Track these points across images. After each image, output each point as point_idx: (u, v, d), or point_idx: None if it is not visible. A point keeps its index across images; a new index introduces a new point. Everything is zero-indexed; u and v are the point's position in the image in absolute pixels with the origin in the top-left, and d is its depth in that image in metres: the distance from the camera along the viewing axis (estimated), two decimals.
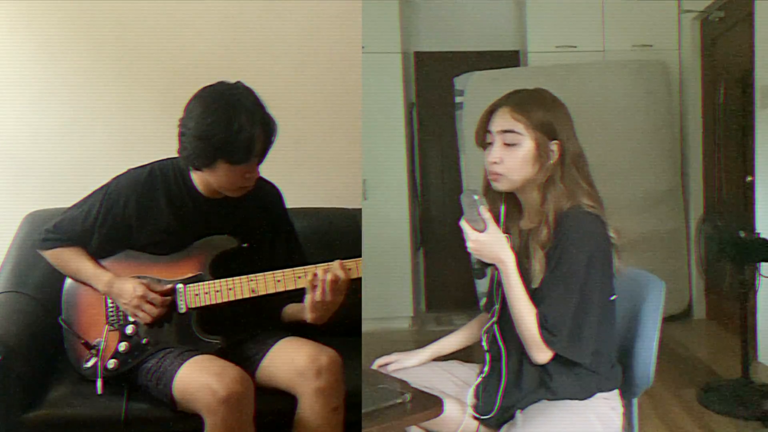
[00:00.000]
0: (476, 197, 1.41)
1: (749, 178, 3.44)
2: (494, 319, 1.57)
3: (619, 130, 3.96)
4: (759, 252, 2.70)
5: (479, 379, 1.59)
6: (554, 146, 1.46)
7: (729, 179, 3.94)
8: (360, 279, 1.82)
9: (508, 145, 1.47)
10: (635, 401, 1.62)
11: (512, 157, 1.47)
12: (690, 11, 4.18)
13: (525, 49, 4.42)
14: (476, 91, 3.93)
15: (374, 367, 1.71)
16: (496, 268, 1.46)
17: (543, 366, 1.46)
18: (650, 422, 2.68)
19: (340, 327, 2.22)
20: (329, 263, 1.77)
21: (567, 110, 1.51)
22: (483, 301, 1.76)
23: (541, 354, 1.43)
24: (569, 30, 4.29)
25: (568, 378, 1.47)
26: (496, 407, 1.50)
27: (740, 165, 3.70)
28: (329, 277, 1.74)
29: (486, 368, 1.59)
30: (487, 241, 1.41)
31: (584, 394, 1.48)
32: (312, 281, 1.76)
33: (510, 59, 4.56)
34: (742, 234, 2.74)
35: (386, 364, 1.71)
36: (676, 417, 2.74)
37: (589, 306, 1.42)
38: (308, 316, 1.82)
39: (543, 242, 1.43)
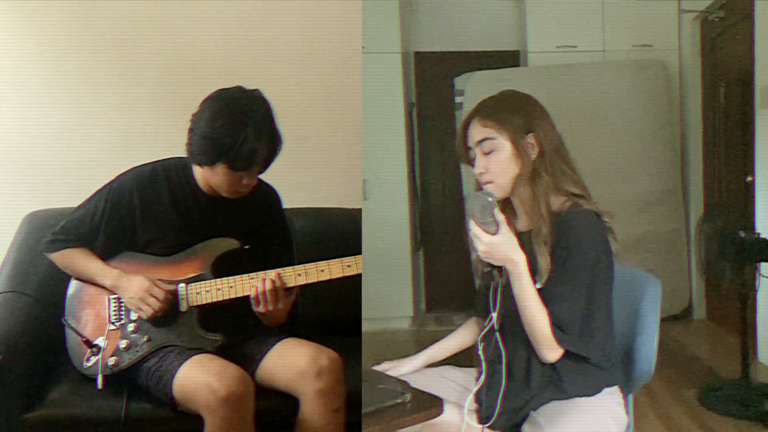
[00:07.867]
0: (490, 199, 1.37)
1: (749, 178, 3.44)
2: (492, 324, 1.53)
3: (619, 130, 3.97)
4: (759, 252, 2.70)
5: (478, 386, 1.55)
6: (531, 139, 1.48)
7: (729, 179, 3.94)
8: (360, 278, 1.83)
9: (487, 153, 1.49)
10: (630, 397, 1.63)
11: (495, 162, 1.49)
12: (690, 11, 4.18)
13: (525, 49, 4.42)
14: (476, 91, 3.93)
15: None
16: (501, 272, 1.44)
17: (551, 366, 1.46)
18: (650, 422, 2.68)
19: (340, 327, 2.24)
20: (266, 272, 1.82)
21: (538, 103, 1.53)
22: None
23: (552, 353, 1.43)
24: (569, 30, 4.29)
25: (577, 376, 1.48)
26: (497, 411, 1.48)
27: (740, 165, 3.70)
28: (267, 286, 1.81)
29: (483, 375, 1.55)
30: (500, 242, 1.38)
31: (592, 391, 1.49)
32: (255, 295, 1.83)
33: (510, 59, 4.56)
34: (742, 234, 2.74)
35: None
36: (676, 417, 2.74)
37: (597, 302, 1.45)
38: (264, 321, 1.91)
39: (545, 238, 1.43)
